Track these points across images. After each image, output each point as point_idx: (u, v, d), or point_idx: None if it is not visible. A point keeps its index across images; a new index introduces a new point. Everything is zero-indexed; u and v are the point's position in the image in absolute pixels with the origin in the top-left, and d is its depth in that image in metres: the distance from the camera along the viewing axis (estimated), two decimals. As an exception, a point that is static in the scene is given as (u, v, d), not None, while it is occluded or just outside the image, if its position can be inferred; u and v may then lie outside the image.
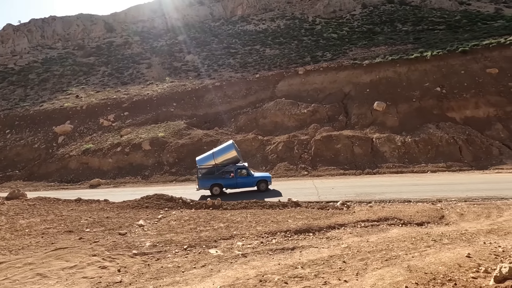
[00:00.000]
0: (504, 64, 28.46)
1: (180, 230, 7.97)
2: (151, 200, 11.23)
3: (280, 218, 8.92)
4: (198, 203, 11.07)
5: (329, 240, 7.08)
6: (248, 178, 16.59)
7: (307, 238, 7.25)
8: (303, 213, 9.74)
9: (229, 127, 31.06)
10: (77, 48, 75.01)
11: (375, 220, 8.83)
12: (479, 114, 25.13)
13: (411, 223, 8.72)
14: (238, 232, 7.62)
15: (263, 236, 7.28)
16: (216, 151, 17.10)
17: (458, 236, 7.20)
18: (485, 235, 7.41)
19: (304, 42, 62.79)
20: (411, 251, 5.93)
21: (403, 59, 32.77)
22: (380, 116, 26.77)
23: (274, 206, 10.63)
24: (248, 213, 9.63)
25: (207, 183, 16.41)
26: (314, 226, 8.03)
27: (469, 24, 55.68)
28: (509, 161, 19.80)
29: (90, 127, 32.36)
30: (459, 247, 6.09)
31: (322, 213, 9.81)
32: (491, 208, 10.76)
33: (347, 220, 8.80)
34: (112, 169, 24.52)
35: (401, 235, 7.26)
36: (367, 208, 11.02)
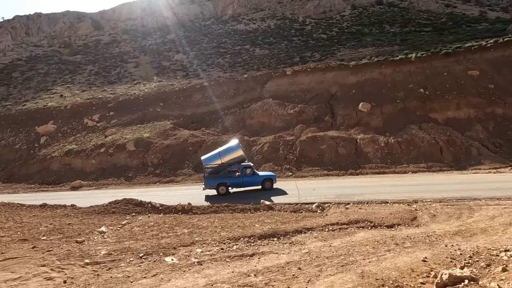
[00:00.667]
0: (485, 66, 29.18)
1: (141, 237, 7.89)
2: (119, 205, 11.03)
3: (247, 223, 8.93)
4: (168, 207, 10.95)
5: (291, 245, 7.12)
6: (254, 177, 16.78)
7: (270, 244, 7.27)
8: (274, 216, 9.77)
9: (216, 127, 30.96)
10: (63, 46, 73.53)
11: (345, 223, 8.93)
12: (460, 115, 25.70)
13: (381, 226, 8.85)
14: (200, 238, 7.59)
15: (225, 242, 7.27)
16: (222, 151, 17.11)
17: (422, 239, 7.35)
18: (450, 237, 7.57)
19: (293, 43, 63.03)
20: (370, 255, 6.01)
21: (389, 60, 33.23)
22: (365, 117, 27.09)
23: (246, 210, 10.64)
24: (217, 218, 9.60)
25: (213, 182, 16.45)
26: (281, 230, 8.06)
27: (454, 26, 56.85)
28: (487, 161, 20.31)
29: (74, 127, 31.76)
30: (418, 251, 6.21)
31: (293, 216, 9.87)
32: (463, 209, 11.01)
33: (316, 223, 8.87)
34: (95, 170, 24.13)
35: (365, 239, 7.36)
36: (341, 210, 11.13)
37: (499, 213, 10.33)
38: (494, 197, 12.42)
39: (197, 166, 23.77)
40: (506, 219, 9.72)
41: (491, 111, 24.98)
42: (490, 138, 23.04)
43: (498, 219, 9.81)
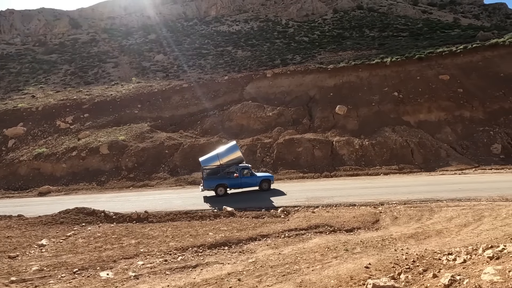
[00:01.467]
0: (455, 71, 30.39)
1: (82, 250, 7.59)
2: (69, 215, 10.54)
3: (201, 231, 8.81)
4: (122, 216, 10.61)
5: (240, 254, 7.07)
6: (252, 178, 16.88)
7: (219, 253, 7.19)
8: (232, 223, 9.71)
9: (195, 129, 30.61)
10: (38, 45, 70.80)
11: (304, 228, 9.00)
12: (431, 118, 26.61)
13: (340, 230, 8.98)
14: (146, 250, 7.41)
15: (171, 253, 7.13)
16: (221, 152, 17.16)
17: (375, 243, 7.50)
18: (404, 241, 7.77)
19: (276, 45, 63.46)
20: (316, 263, 6.07)
21: (365, 64, 34.01)
22: (341, 120, 27.57)
23: (205, 216, 10.52)
24: (171, 227, 9.43)
25: (212, 184, 16.38)
26: (234, 238, 8.01)
27: (429, 32, 59.02)
28: (454, 163, 21.12)
29: (45, 129, 30.52)
30: (366, 257, 6.33)
31: (253, 222, 9.85)
32: (424, 210, 11.36)
33: (274, 230, 8.89)
34: (66, 175, 23.25)
35: (317, 245, 7.44)
36: (307, 214, 11.22)
37: (456, 215, 10.73)
38: (455, 198, 12.90)
39: (173, 170, 23.41)
40: (462, 220, 10.11)
41: (460, 114, 26.03)
42: (458, 140, 23.98)
43: (455, 220, 10.18)
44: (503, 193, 13.18)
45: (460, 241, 7.86)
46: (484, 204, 11.85)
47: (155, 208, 13.70)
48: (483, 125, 24.45)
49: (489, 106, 26.06)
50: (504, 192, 13.31)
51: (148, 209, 13.42)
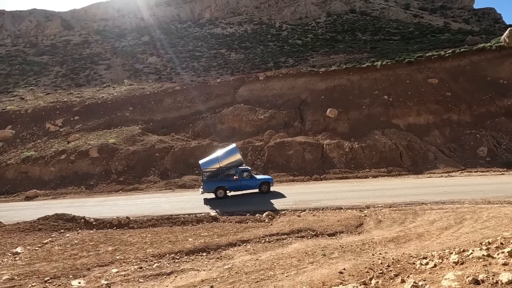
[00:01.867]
0: (443, 75, 30.91)
1: (56, 258, 7.51)
2: (48, 221, 10.36)
3: (181, 237, 8.80)
4: (102, 222, 10.50)
5: (218, 261, 7.09)
6: (251, 181, 16.98)
7: (196, 260, 7.20)
8: (213, 229, 9.73)
9: (186, 132, 30.54)
10: (28, 46, 70.01)
11: (286, 233, 9.06)
12: (420, 121, 27.00)
13: (323, 234, 9.06)
14: (122, 257, 7.37)
15: (147, 260, 7.11)
16: (221, 155, 17.14)
17: (354, 248, 7.60)
18: (384, 245, 7.88)
19: (269, 48, 63.77)
20: (291, 269, 6.13)
21: (356, 67, 34.38)
22: (332, 123, 27.79)
23: (187, 222, 10.50)
24: (151, 232, 9.38)
25: (212, 186, 16.48)
26: (213, 244, 8.02)
27: (420, 36, 59.96)
28: (441, 166, 21.44)
29: (34, 132, 30.15)
30: (342, 262, 6.41)
31: (235, 227, 9.87)
32: (408, 213, 11.53)
33: (255, 235, 8.93)
34: (55, 179, 22.97)
35: (296, 250, 7.51)
36: (292, 218, 11.27)
37: (439, 217, 10.91)
38: (439, 201, 13.11)
39: (163, 173, 23.31)
40: (444, 223, 10.28)
41: (448, 117, 26.46)
42: (446, 143, 24.37)
43: (437, 223, 10.35)
44: (485, 196, 13.44)
45: (439, 244, 8.00)
46: (466, 207, 12.07)
47: (142, 212, 13.64)
48: (470, 128, 24.90)
49: (476, 109, 26.55)
50: (487, 195, 13.57)
51: (135, 214, 13.37)
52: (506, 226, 9.61)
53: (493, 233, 9.08)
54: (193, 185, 20.85)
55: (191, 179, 21.60)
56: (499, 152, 22.43)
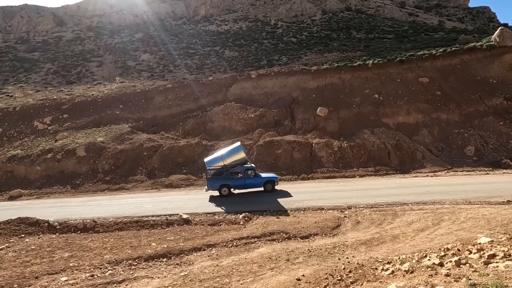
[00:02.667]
0: (434, 74, 30.95)
1: (6, 265, 7.32)
2: (9, 225, 10.08)
3: (145, 242, 8.67)
4: (67, 226, 10.28)
5: (175, 267, 6.98)
6: (255, 179, 16.89)
7: (154, 266, 7.08)
8: (182, 232, 9.61)
9: (176, 131, 30.32)
10: (20, 42, 69.08)
11: (257, 236, 8.98)
12: (410, 120, 27.03)
13: (295, 237, 8.99)
14: (76, 264, 7.22)
15: (102, 267, 6.97)
16: (225, 153, 17.13)
17: (323, 252, 7.54)
18: (355, 248, 7.83)
19: (263, 45, 63.46)
20: (248, 275, 6.05)
21: (348, 66, 34.30)
22: (322, 122, 27.73)
23: (156, 225, 10.37)
24: (115, 237, 9.23)
25: (216, 184, 16.61)
26: (176, 249, 7.91)
27: (414, 34, 60.02)
28: (429, 165, 21.49)
29: (22, 130, 29.76)
30: (304, 267, 6.34)
31: (205, 230, 9.76)
32: (388, 214, 11.50)
33: (224, 238, 8.83)
34: (40, 178, 22.70)
35: (260, 255, 7.42)
36: (269, 220, 11.18)
37: (417, 218, 10.90)
38: (420, 201, 13.11)
39: (150, 172, 23.13)
40: (421, 225, 10.27)
41: (437, 117, 26.51)
42: (434, 142, 24.43)
43: (415, 224, 10.34)
44: (467, 196, 13.47)
45: (411, 247, 7.97)
46: (446, 208, 12.08)
47: (124, 213, 13.49)
48: (459, 127, 24.98)
49: (465, 108, 26.63)
50: (468, 195, 13.59)
51: (116, 215, 13.21)
52: (482, 227, 9.62)
53: (467, 234, 9.09)
54: (180, 184, 20.71)
55: (178, 179, 21.45)
56: (486, 151, 22.53)
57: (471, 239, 8.63)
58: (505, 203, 12.38)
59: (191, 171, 22.85)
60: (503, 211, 11.09)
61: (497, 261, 4.53)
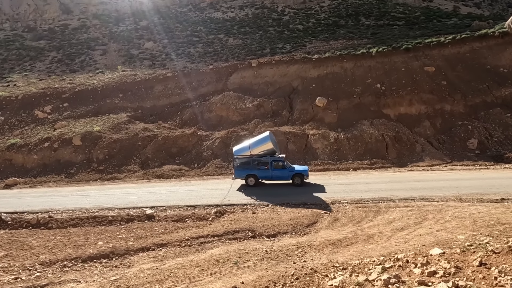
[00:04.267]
0: (441, 63, 29.52)
1: None
2: None
3: (92, 240, 8.49)
4: (20, 221, 10.17)
5: (111, 270, 6.76)
6: (283, 171, 16.28)
7: (88, 268, 6.86)
8: (138, 229, 9.39)
9: (174, 120, 30.16)
10: (26, 30, 69.64)
11: (218, 234, 8.70)
12: (412, 111, 26.00)
13: (261, 236, 8.68)
14: (7, 264, 7.04)
15: (32, 269, 6.79)
16: (252, 142, 16.93)
17: (281, 253, 7.20)
18: (320, 249, 7.48)
19: (268, 33, 62.00)
20: (184, 281, 5.78)
21: (351, 54, 33.07)
22: (320, 112, 27.01)
23: (115, 221, 10.20)
24: (64, 234, 9.08)
25: (242, 173, 16.57)
26: (122, 249, 7.69)
27: (425, 21, 57.36)
28: (427, 158, 20.70)
29: (23, 119, 30.17)
30: (249, 272, 6.03)
31: (165, 228, 9.52)
32: (371, 211, 11.06)
33: (181, 237, 8.58)
34: (37, 166, 23.05)
35: (209, 257, 7.13)
36: (241, 215, 10.90)
37: (400, 216, 10.43)
38: (409, 197, 12.56)
39: (144, 162, 23.15)
40: (402, 223, 9.81)
41: (440, 108, 25.40)
42: (436, 134, 23.48)
43: (396, 223, 9.88)
44: (459, 193, 12.84)
45: (382, 249, 7.57)
46: (434, 205, 11.53)
47: (107, 204, 13.48)
48: (463, 119, 23.88)
49: (471, 99, 25.40)
50: (461, 192, 12.96)
51: (99, 206, 13.21)
52: (465, 228, 9.09)
53: (448, 236, 8.60)
54: (171, 175, 20.64)
55: (170, 169, 21.40)
56: (490, 144, 21.51)
57: (450, 241, 8.16)
58: (498, 201, 11.73)
59: (184, 162, 22.75)
60: (493, 210, 10.49)
61: (432, 281, 4.12)
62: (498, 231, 8.62)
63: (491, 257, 4.53)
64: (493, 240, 8.00)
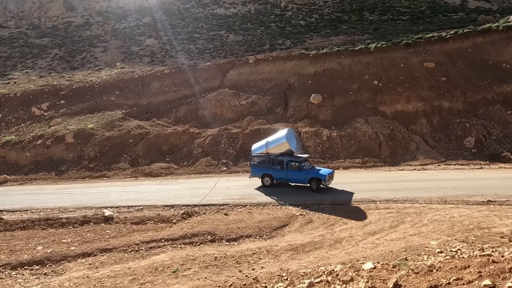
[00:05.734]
0: (441, 58, 28.60)
1: None
2: None
3: (32, 244, 8.12)
4: None
5: (38, 278, 6.47)
6: (299, 173, 14.56)
7: (16, 276, 6.57)
8: (88, 233, 9.13)
9: (169, 117, 30.03)
10: (31, 28, 70.43)
11: (173, 238, 8.41)
12: (409, 108, 25.29)
13: (221, 239, 8.39)
14: None
15: None
16: (270, 140, 15.95)
17: (230, 260, 6.92)
18: (278, 255, 7.18)
19: (270, 29, 61.33)
20: None
21: (349, 50, 32.34)
22: (315, 109, 26.50)
23: (69, 223, 9.96)
24: (5, 237, 8.70)
25: (258, 172, 15.78)
26: (59, 255, 7.39)
27: (430, 15, 55.82)
28: (421, 157, 20.07)
29: (20, 116, 30.45)
30: (184, 282, 5.76)
31: (117, 231, 9.22)
32: (348, 213, 10.67)
33: (129, 241, 8.31)
34: (29, 164, 23.22)
35: (150, 264, 6.82)
36: (207, 217, 10.58)
37: (377, 219, 10.02)
38: (391, 199, 12.12)
39: (134, 160, 23.08)
40: (377, 227, 9.41)
41: (439, 105, 24.62)
42: (433, 132, 22.77)
43: (370, 226, 9.49)
44: (445, 194, 12.32)
45: (345, 255, 7.22)
46: (415, 207, 11.07)
47: (86, 203, 13.41)
48: (461, 116, 23.09)
49: (470, 96, 24.54)
50: (447, 193, 12.44)
51: (78, 205, 13.15)
52: (441, 232, 8.65)
53: (420, 241, 8.19)
54: (160, 173, 20.52)
55: (160, 167, 21.28)
56: (487, 143, 20.74)
57: (421, 247, 7.76)
58: (484, 203, 11.20)
59: (174, 160, 22.61)
60: (475, 213, 9.99)
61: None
62: (474, 236, 8.17)
63: (410, 277, 4.13)
64: (467, 246, 7.58)
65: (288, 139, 15.08)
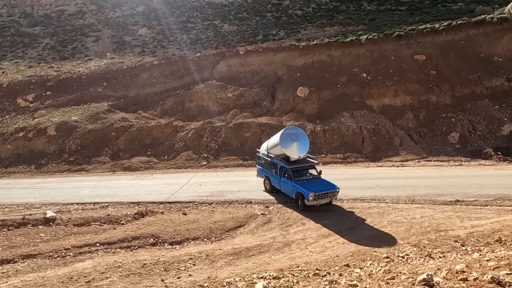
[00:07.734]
0: (433, 51, 27.91)
1: None
2: None
3: None
4: None
5: None
6: (288, 184, 11.98)
7: None
8: (19, 236, 8.58)
9: (155, 110, 29.69)
10: (23, 16, 69.34)
11: (110, 242, 8.19)
12: (396, 102, 24.83)
13: (164, 243, 8.20)
14: None
15: None
16: (271, 140, 14.01)
17: (158, 268, 6.70)
18: (217, 260, 6.99)
19: (265, 19, 60.06)
20: None
21: (339, 42, 31.58)
22: (301, 103, 26.06)
23: (4, 226, 9.58)
24: None
25: (261, 173, 14.30)
26: None
27: (429, 6, 54.40)
28: (404, 153, 19.77)
29: (5, 108, 30.17)
30: None
31: (53, 235, 8.82)
32: (310, 213, 10.45)
33: (59, 246, 8.04)
34: (10, 156, 23.07)
35: (67, 273, 6.56)
36: (158, 217, 10.26)
37: (337, 220, 9.81)
38: (359, 198, 11.89)
39: (115, 154, 22.89)
40: (334, 228, 9.21)
41: (426, 99, 24.14)
42: (418, 127, 22.38)
43: (327, 228, 9.29)
44: (415, 193, 12.07)
45: (288, 260, 7.03)
46: (380, 207, 10.84)
47: (54, 199, 13.25)
48: (447, 111, 22.63)
49: (459, 90, 24.01)
50: (417, 192, 12.18)
51: (48, 201, 12.99)
52: (397, 235, 8.44)
53: (372, 244, 7.97)
54: (139, 167, 20.35)
55: (139, 161, 21.09)
56: (472, 138, 20.36)
57: (369, 251, 7.55)
58: (452, 203, 10.96)
59: (155, 153, 22.39)
60: (438, 214, 9.76)
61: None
62: (428, 240, 7.96)
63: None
64: (416, 251, 7.38)
65: (282, 139, 12.34)
